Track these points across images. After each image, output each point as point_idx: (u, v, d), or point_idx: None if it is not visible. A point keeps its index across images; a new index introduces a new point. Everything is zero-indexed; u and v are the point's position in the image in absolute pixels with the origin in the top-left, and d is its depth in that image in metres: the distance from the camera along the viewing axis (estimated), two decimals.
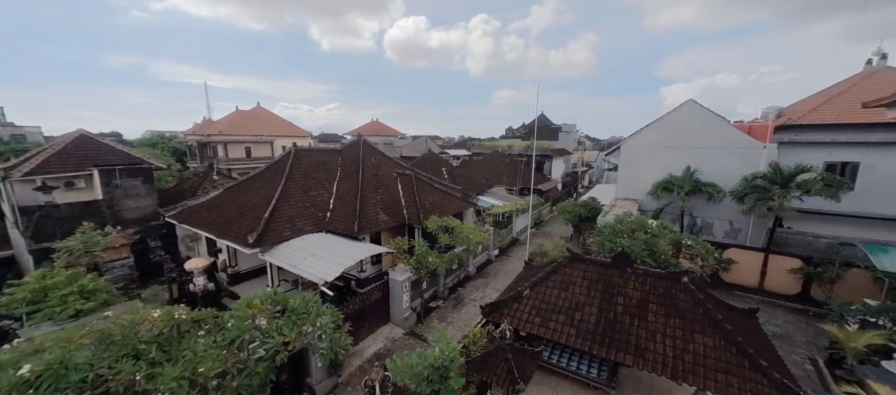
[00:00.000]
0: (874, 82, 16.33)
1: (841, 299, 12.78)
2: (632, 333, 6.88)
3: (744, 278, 14.91)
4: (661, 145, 17.79)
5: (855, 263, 13.10)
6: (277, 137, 44.04)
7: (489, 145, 40.80)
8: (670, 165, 17.46)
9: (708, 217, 16.82)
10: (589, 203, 19.33)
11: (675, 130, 17.38)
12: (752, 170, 15.36)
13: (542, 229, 27.65)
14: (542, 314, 7.82)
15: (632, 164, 18.81)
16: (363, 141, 18.75)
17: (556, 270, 8.45)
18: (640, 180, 18.61)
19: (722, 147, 16.18)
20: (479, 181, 27.80)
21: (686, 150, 17.07)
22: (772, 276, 14.67)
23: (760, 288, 14.91)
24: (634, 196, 18.74)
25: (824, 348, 10.81)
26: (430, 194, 17.39)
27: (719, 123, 16.52)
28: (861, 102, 9.68)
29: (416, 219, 15.05)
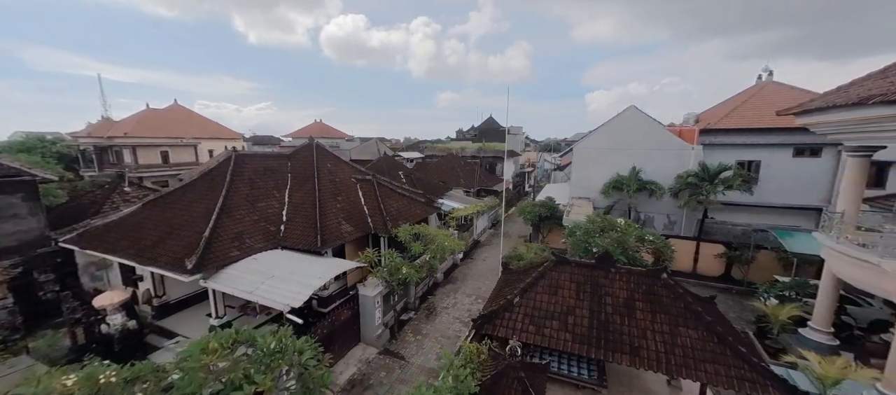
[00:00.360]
0: (766, 94, 19.72)
1: (755, 278, 15.10)
2: (624, 332, 7.11)
3: (681, 264, 16.81)
4: (608, 148, 19.30)
5: (764, 245, 15.60)
6: (202, 139, 38.68)
7: (442, 148, 40.77)
8: (617, 165, 19.03)
9: (650, 212, 18.67)
10: (548, 203, 20.18)
11: (620, 134, 19.01)
12: (684, 169, 17.44)
13: (500, 229, 28.32)
14: (536, 322, 7.72)
15: (583, 165, 20.11)
16: (316, 144, 17.14)
17: (543, 274, 8.44)
18: (591, 180, 19.99)
19: (659, 149, 18.10)
20: (437, 184, 27.45)
21: (630, 152, 18.76)
22: (702, 261, 16.79)
23: (693, 272, 16.97)
24: (587, 195, 20.07)
25: (751, 321, 12.60)
26: (393, 200, 16.52)
27: (656, 128, 18.47)
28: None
29: (383, 227, 14.13)
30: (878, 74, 8.99)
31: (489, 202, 26.40)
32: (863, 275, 8.36)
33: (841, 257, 9.00)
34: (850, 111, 8.45)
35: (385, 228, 14.08)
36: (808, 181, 16.95)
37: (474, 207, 22.93)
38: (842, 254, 8.83)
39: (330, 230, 12.58)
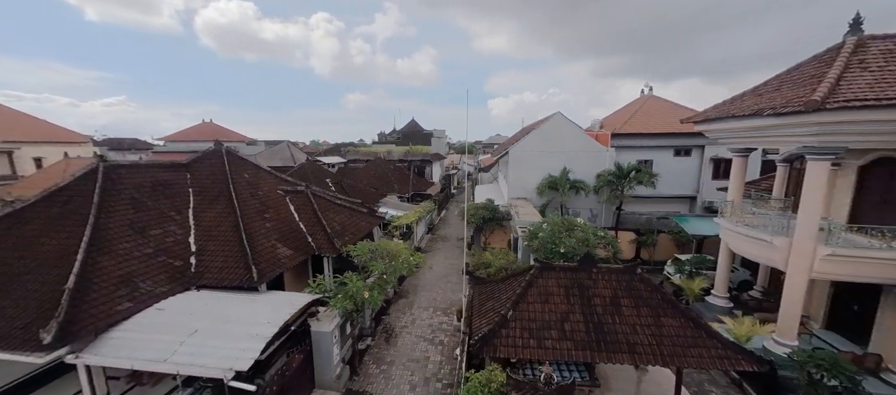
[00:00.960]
0: (649, 106, 24.05)
1: (659, 257, 18.10)
2: (617, 331, 7.35)
3: (603, 251, 19.11)
4: (539, 151, 20.76)
5: (663, 230, 18.87)
6: (22, 143, 28.27)
7: (366, 151, 38.36)
8: (548, 166, 20.62)
9: (577, 208, 20.74)
10: (489, 205, 20.60)
11: (549, 138, 20.66)
12: (602, 168, 19.91)
13: (437, 234, 27.94)
14: (535, 335, 7.42)
15: (519, 167, 21.21)
16: (226, 150, 13.85)
17: (531, 283, 8.22)
18: (526, 181, 21.21)
19: (582, 151, 20.27)
20: (368, 191, 25.51)
21: (558, 154, 20.54)
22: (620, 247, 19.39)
23: (613, 258, 19.49)
24: (524, 195, 21.21)
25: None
26: (334, 214, 14.46)
27: (578, 132, 20.65)
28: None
29: (329, 246, 12.16)
30: (751, 91, 11.54)
31: (427, 207, 25.77)
32: (757, 250, 10.58)
33: (738, 236, 11.26)
34: (740, 121, 10.60)
35: (332, 246, 12.12)
36: (683, 176, 21.25)
37: (416, 213, 21.99)
38: (740, 234, 11.04)
39: (264, 257, 10.12)
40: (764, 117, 9.25)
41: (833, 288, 11.33)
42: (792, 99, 8.72)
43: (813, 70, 9.61)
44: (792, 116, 8.50)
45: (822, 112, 7.89)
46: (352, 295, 9.74)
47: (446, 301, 15.70)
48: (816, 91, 8.10)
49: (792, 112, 8.34)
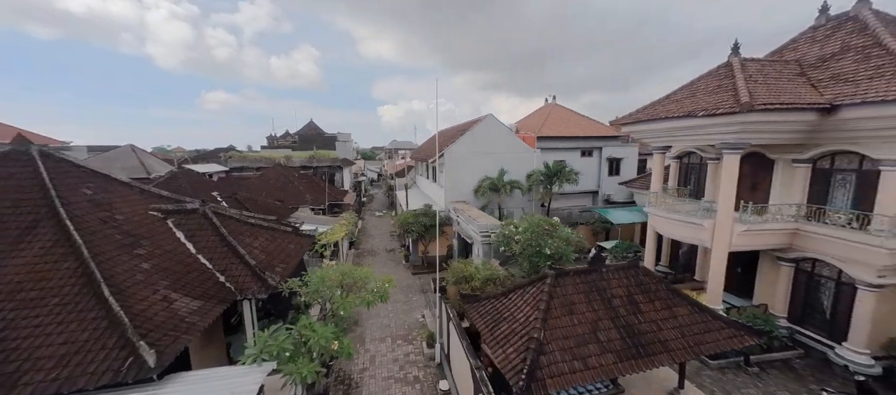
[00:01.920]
0: (556, 112, 26.91)
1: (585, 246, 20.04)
2: (645, 330, 7.06)
3: None
4: (474, 152, 20.48)
5: (581, 221, 21.07)
6: None
7: (257, 157, 31.20)
8: (484, 168, 20.53)
9: (510, 208, 21.27)
10: (428, 211, 19.13)
11: (482, 139, 20.60)
12: (532, 168, 20.97)
13: (360, 247, 24.72)
14: (577, 354, 6.44)
15: (455, 169, 20.45)
16: (42, 153, 8.53)
17: (552, 294, 7.25)
18: (463, 184, 20.61)
19: (513, 152, 20.92)
20: (273, 204, 20.53)
21: (491, 155, 20.67)
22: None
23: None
24: (462, 197, 20.53)
25: None
26: (252, 238, 10.60)
27: (509, 133, 21.25)
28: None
29: (258, 284, 8.64)
30: (665, 99, 13.57)
31: (351, 219, 22.42)
32: (687, 231, 12.37)
33: (669, 222, 13.02)
34: (670, 122, 12.26)
35: (262, 284, 8.63)
36: (588, 174, 24.37)
37: (343, 227, 18.71)
38: (672, 220, 12.77)
39: (154, 320, 6.21)
40: (697, 118, 10.77)
41: None
42: (720, 103, 10.36)
43: (716, 82, 11.77)
44: (724, 117, 10.06)
45: (751, 113, 9.53)
46: (317, 350, 6.89)
47: (403, 326, 13.50)
48: (741, 97, 9.75)
49: (727, 113, 9.85)
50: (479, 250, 14.53)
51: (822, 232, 10.36)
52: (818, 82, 10.83)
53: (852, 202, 10.23)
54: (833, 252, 10.24)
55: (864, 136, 9.61)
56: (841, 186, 10.54)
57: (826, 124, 10.06)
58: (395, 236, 28.12)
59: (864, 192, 9.95)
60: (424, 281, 18.17)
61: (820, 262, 10.89)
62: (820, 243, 10.50)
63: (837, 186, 10.61)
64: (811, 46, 12.48)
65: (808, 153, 10.98)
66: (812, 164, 11.11)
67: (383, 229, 30.47)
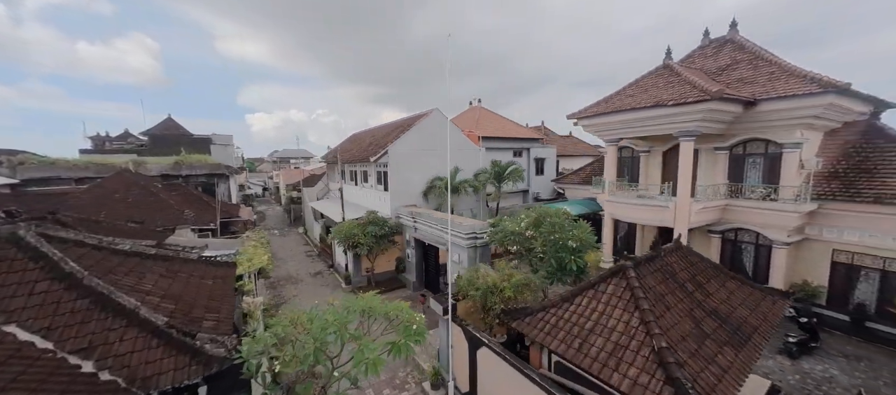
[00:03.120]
0: (485, 115, 27.19)
1: None
2: (727, 312, 6.54)
3: None
4: (421, 150, 18.31)
5: None
6: None
7: (80, 164, 20.37)
8: (433, 167, 18.55)
9: (460, 209, 19.89)
10: (378, 219, 15.92)
11: (430, 136, 18.64)
12: (479, 167, 20.14)
13: (274, 276, 18.98)
14: (705, 356, 5.32)
15: (401, 169, 17.79)
16: None
17: (645, 291, 6.01)
18: (411, 185, 18.12)
19: (461, 150, 19.64)
20: (125, 228, 13.46)
21: (438, 153, 18.90)
22: None
23: None
24: (409, 200, 17.98)
25: None
26: (136, 277, 5.98)
27: (456, 130, 19.88)
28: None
29: (187, 362, 4.58)
30: (615, 95, 14.69)
31: (263, 238, 16.88)
32: (650, 214, 13.38)
33: (630, 207, 13.92)
34: (632, 113, 13.13)
35: (199, 359, 4.61)
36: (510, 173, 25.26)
37: (263, 250, 13.70)
38: (634, 204, 13.66)
39: None
40: (667, 106, 11.69)
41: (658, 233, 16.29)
42: (685, 94, 11.45)
43: (664, 80, 13.25)
44: (693, 105, 11.11)
45: (715, 101, 10.72)
46: None
47: (388, 368, 10.24)
48: (711, 88, 10.94)
49: (697, 101, 10.88)
50: (461, 256, 12.49)
51: (747, 205, 12.59)
52: (728, 85, 13.29)
53: (762, 179, 12.80)
54: (754, 220, 12.54)
55: (770, 125, 12.09)
56: (753, 168, 13.10)
57: (745, 116, 12.29)
58: (315, 255, 23.02)
59: (771, 170, 12.54)
60: None
61: (741, 230, 13.26)
62: (744, 214, 12.74)
63: (750, 167, 13.15)
64: (706, 60, 15.46)
65: (728, 142, 13.33)
66: (729, 151, 13.55)
67: (292, 250, 24.72)
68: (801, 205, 11.35)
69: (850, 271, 11.65)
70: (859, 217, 11.16)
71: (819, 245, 12.10)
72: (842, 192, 11.45)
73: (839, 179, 11.78)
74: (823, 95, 10.49)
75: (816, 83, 10.67)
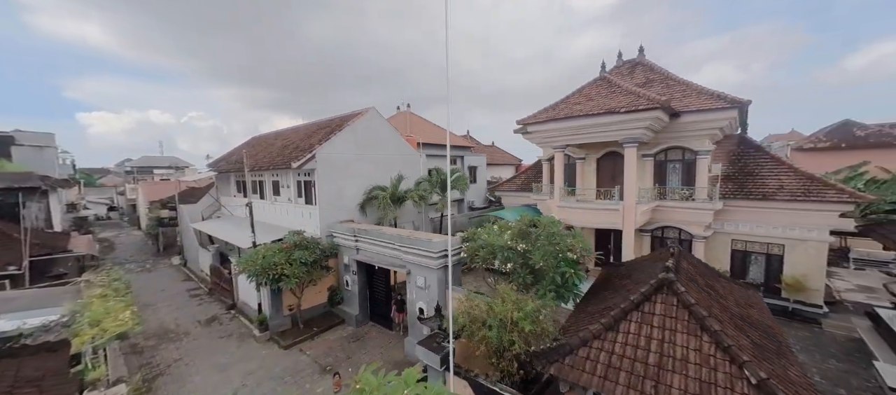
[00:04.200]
0: (414, 120, 25.58)
1: None
2: (747, 315, 6.40)
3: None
4: (355, 156, 15.50)
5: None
6: None
7: None
8: (370, 175, 15.92)
9: (401, 222, 17.62)
10: (308, 241, 12.51)
11: (366, 140, 15.98)
12: (419, 175, 18.30)
13: (140, 332, 13.10)
14: (785, 376, 4.75)
15: (333, 178, 14.60)
16: None
17: (692, 302, 5.27)
18: (344, 197, 15.06)
19: (401, 155, 17.50)
20: None
21: (378, 158, 16.40)
22: None
23: None
24: (347, 216, 14.90)
25: None
26: None
27: (395, 134, 17.59)
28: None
29: None
30: (562, 103, 15.02)
31: (113, 280, 11.31)
32: (603, 218, 13.80)
33: (581, 211, 14.20)
34: (578, 120, 13.44)
35: None
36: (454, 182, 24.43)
37: (113, 301, 8.98)
38: (589, 209, 13.96)
39: None
40: (620, 114, 12.17)
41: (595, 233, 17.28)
42: (634, 102, 12.10)
43: (607, 90, 14.02)
44: (644, 112, 11.76)
45: (661, 110, 11.53)
46: None
47: None
48: (659, 97, 11.71)
49: (649, 108, 11.53)
50: (427, 280, 10.42)
51: (673, 205, 14.12)
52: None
53: (681, 182, 14.60)
54: (678, 218, 14.15)
55: (687, 135, 13.86)
56: (673, 172, 14.86)
57: (669, 126, 13.84)
58: (204, 294, 17.34)
59: (688, 174, 14.38)
60: (318, 357, 11.45)
61: (667, 227, 14.88)
62: (671, 213, 14.28)
63: (671, 172, 14.89)
64: (623, 78, 17.31)
65: (654, 149, 14.86)
66: (654, 157, 15.14)
67: (167, 290, 18.27)
68: (715, 204, 13.19)
69: (745, 257, 14.09)
70: (749, 212, 13.58)
71: (722, 237, 14.33)
72: (737, 191, 13.81)
73: (733, 181, 14.22)
74: (731, 110, 12.42)
75: (724, 100, 12.59)
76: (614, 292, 7.36)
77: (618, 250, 15.35)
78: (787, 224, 13.02)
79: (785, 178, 13.29)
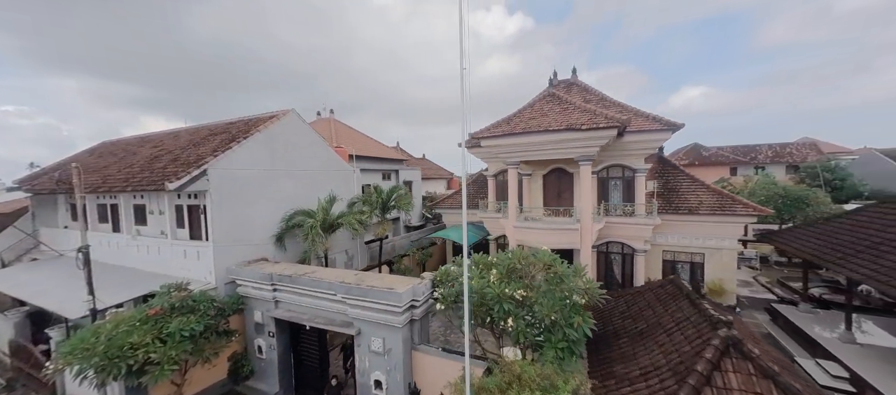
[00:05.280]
0: (340, 129, 22.17)
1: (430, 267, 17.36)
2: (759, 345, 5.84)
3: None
4: (268, 170, 11.80)
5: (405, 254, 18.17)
6: None
7: None
8: (290, 196, 12.35)
9: (332, 254, 14.27)
10: (200, 298, 8.47)
11: (283, 151, 12.35)
12: (353, 193, 15.27)
13: None
14: None
15: (234, 201, 10.65)
16: None
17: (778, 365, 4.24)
18: (253, 227, 11.17)
19: (329, 169, 14.24)
20: None
21: (300, 176, 12.90)
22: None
23: None
24: (253, 253, 10.99)
25: None
26: None
27: (320, 143, 14.18)
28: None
29: None
30: (515, 117, 14.21)
31: None
32: (561, 237, 13.19)
33: (540, 231, 13.41)
34: (536, 136, 12.73)
35: None
36: None
37: None
38: (545, 228, 13.22)
39: None
40: (581, 131, 11.73)
41: None
42: (593, 120, 11.80)
43: (556, 105, 13.69)
44: (602, 131, 11.51)
45: (617, 129, 11.43)
46: None
47: None
48: (618, 117, 11.56)
49: (610, 126, 11.29)
50: (387, 342, 7.78)
51: (619, 221, 14.48)
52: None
53: (622, 199, 15.16)
54: (623, 234, 14.57)
55: (627, 153, 14.45)
56: (614, 189, 15.35)
57: (613, 145, 14.23)
58: None
59: (628, 190, 14.99)
60: None
61: (611, 243, 15.25)
62: (617, 229, 14.60)
63: (613, 189, 15.36)
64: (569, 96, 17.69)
65: (598, 167, 15.16)
66: (597, 175, 15.48)
67: None
68: (654, 219, 13.90)
69: (674, 266, 15.26)
70: (677, 225, 14.77)
71: (655, 249, 15.29)
72: (667, 206, 14.92)
73: (661, 197, 15.38)
74: (668, 132, 13.26)
75: (662, 122, 13.40)
76: (632, 340, 6.16)
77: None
78: (706, 235, 14.50)
79: (702, 194, 14.87)
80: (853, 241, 10.27)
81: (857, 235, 10.47)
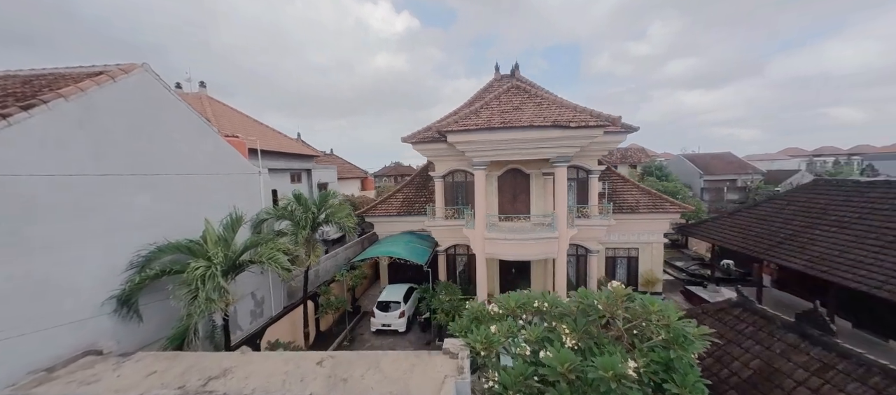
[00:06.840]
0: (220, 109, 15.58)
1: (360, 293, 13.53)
2: None
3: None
4: (107, 174, 6.24)
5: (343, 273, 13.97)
6: None
7: None
8: (152, 218, 6.96)
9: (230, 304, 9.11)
10: None
11: (127, 137, 6.78)
12: (259, 205, 10.26)
13: None
14: None
15: (11, 240, 4.97)
16: None
17: None
18: (69, 283, 5.59)
19: (216, 171, 8.95)
20: None
21: (167, 181, 7.48)
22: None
23: None
24: (72, 342, 5.45)
25: None
26: None
27: (204, 128, 8.66)
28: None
29: None
30: (473, 114, 12.04)
31: None
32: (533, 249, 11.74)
33: (513, 243, 11.70)
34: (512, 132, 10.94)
35: None
36: None
37: None
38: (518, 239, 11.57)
39: None
40: (569, 128, 10.37)
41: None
42: (578, 117, 10.62)
43: (526, 98, 12.20)
44: (592, 129, 10.43)
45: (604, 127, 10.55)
46: None
47: None
48: (611, 114, 10.60)
49: (598, 125, 10.25)
50: None
51: (581, 224, 14.14)
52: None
53: (577, 200, 14.90)
54: (580, 236, 14.30)
55: (584, 154, 14.14)
56: (570, 190, 14.97)
57: None
58: None
59: (581, 192, 14.81)
60: None
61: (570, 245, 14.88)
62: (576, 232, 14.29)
63: (568, 190, 14.95)
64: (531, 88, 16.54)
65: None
66: (550, 176, 14.80)
67: None
68: (609, 219, 14.05)
69: (614, 262, 16.04)
70: (620, 223, 15.45)
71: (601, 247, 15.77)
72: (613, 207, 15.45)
73: (606, 198, 15.89)
74: (624, 133, 13.40)
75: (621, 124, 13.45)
76: None
77: (525, 275, 14.17)
78: (641, 231, 15.63)
79: (638, 194, 15.98)
80: (768, 232, 12.22)
81: (771, 226, 12.49)
